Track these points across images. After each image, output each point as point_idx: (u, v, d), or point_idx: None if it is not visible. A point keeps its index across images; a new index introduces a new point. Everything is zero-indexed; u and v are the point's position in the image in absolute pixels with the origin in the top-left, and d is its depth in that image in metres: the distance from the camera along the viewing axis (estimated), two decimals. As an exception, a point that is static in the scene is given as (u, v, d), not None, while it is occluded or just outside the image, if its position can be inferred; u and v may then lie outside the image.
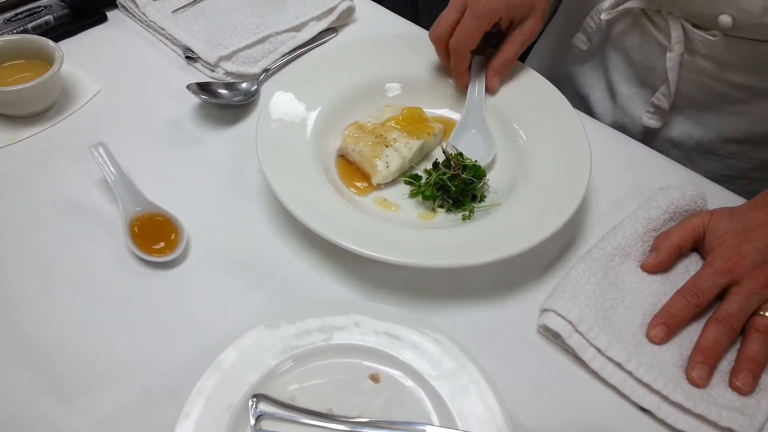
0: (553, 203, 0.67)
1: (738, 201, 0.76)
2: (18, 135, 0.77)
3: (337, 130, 0.77)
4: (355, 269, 0.66)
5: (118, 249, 0.66)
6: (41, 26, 0.89)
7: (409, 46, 0.85)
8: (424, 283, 0.66)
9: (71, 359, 0.58)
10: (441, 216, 0.71)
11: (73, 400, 0.56)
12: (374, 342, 0.57)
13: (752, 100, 0.80)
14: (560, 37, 1.00)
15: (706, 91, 0.81)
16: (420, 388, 0.55)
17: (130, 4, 0.94)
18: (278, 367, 0.55)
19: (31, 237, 0.67)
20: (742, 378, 0.56)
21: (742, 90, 0.79)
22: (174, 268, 0.65)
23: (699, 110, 0.83)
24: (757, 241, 0.61)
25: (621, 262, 0.65)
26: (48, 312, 0.61)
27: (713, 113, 0.83)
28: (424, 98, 0.81)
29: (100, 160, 0.70)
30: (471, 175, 0.70)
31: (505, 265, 0.62)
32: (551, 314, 0.60)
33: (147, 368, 0.58)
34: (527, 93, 0.80)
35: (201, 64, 0.88)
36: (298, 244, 0.68)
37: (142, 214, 0.67)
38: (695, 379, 0.56)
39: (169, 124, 0.80)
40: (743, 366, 0.57)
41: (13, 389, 0.56)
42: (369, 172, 0.73)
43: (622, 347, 0.58)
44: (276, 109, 0.75)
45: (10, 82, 0.78)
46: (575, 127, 0.74)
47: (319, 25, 0.94)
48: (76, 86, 0.83)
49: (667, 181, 0.71)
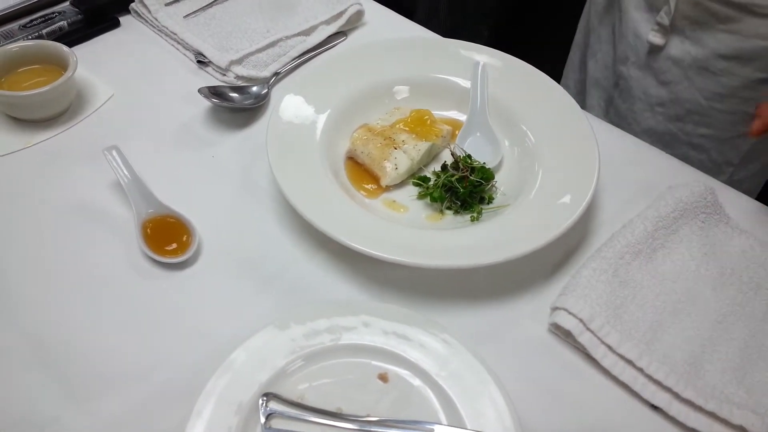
0: (561, 204, 0.67)
1: (743, 198, 0.76)
2: (33, 139, 0.78)
3: (347, 132, 0.78)
4: (364, 270, 0.66)
5: (130, 250, 0.67)
6: (55, 32, 0.90)
7: (417, 49, 0.86)
8: (432, 283, 0.66)
9: (83, 360, 0.59)
10: (449, 217, 0.71)
11: (84, 401, 0.56)
12: (383, 342, 0.57)
13: (741, 18, 0.84)
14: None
15: (700, 10, 0.87)
16: (428, 387, 0.56)
17: (143, 10, 0.95)
18: (288, 367, 0.56)
19: (45, 239, 0.68)
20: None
21: (732, 7, 0.84)
22: (185, 269, 0.66)
23: (695, 29, 0.89)
24: None
25: (631, 260, 0.65)
26: (60, 313, 0.62)
27: (707, 31, 0.88)
28: (432, 100, 0.82)
29: (113, 163, 0.71)
30: (479, 177, 0.71)
31: (513, 266, 0.62)
32: (562, 312, 0.60)
33: (158, 369, 0.59)
34: (535, 94, 0.80)
35: (212, 68, 0.89)
36: (308, 246, 0.68)
37: (155, 216, 0.68)
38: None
39: (181, 127, 0.81)
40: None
41: (25, 391, 0.57)
42: (378, 174, 0.73)
43: (633, 344, 0.58)
44: (286, 112, 0.75)
45: (25, 86, 0.79)
46: (583, 127, 0.74)
47: (329, 29, 0.95)
48: (90, 91, 0.85)
49: (675, 181, 0.71)
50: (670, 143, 0.96)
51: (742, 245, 0.69)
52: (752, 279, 0.65)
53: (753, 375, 0.58)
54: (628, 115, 1.00)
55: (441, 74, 0.83)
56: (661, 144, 0.92)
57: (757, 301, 0.64)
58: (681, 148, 0.96)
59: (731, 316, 0.62)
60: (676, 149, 0.95)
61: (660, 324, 0.61)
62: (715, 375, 0.57)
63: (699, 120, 0.93)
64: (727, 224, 0.70)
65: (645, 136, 0.95)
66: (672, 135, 0.96)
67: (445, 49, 0.86)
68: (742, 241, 0.69)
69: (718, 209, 0.70)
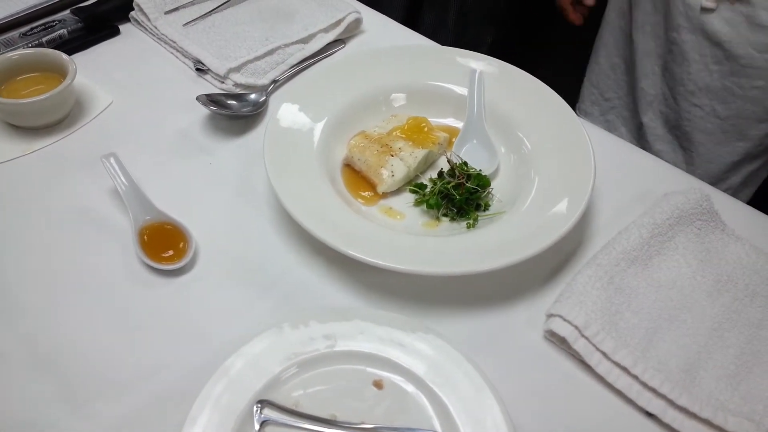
0: (557, 211, 0.67)
1: (739, 205, 0.76)
2: (32, 146, 0.79)
3: (344, 139, 0.78)
4: (360, 277, 0.66)
5: (127, 257, 0.67)
6: (55, 40, 0.91)
7: (414, 56, 0.87)
8: (428, 290, 0.66)
9: (80, 366, 0.59)
10: (445, 224, 0.71)
11: (82, 406, 0.57)
12: (378, 349, 0.58)
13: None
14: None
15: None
16: (423, 394, 0.56)
17: (142, 18, 0.96)
18: (283, 374, 0.56)
19: (43, 245, 0.69)
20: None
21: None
22: (182, 276, 0.66)
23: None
24: None
25: (627, 267, 0.65)
26: (58, 319, 0.63)
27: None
28: (429, 108, 0.82)
29: (111, 170, 0.71)
30: (475, 184, 0.71)
31: (509, 273, 0.62)
32: (557, 319, 0.60)
33: (154, 374, 0.59)
34: (531, 102, 0.80)
35: (211, 75, 0.89)
36: (304, 252, 0.69)
37: (152, 223, 0.69)
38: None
39: (180, 134, 0.82)
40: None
41: (24, 395, 0.57)
42: (374, 181, 0.74)
43: (628, 352, 0.58)
44: (283, 119, 0.76)
45: (24, 94, 0.80)
46: (579, 135, 0.74)
47: (327, 36, 0.95)
48: (89, 98, 0.85)
49: (670, 188, 0.71)
50: (725, 99, 0.99)
51: (738, 252, 0.69)
52: (748, 286, 0.65)
53: (748, 382, 0.58)
54: (684, 77, 1.03)
55: (438, 82, 0.84)
56: (717, 100, 0.95)
57: (753, 308, 0.64)
58: (736, 102, 0.98)
59: (726, 323, 0.62)
60: (731, 104, 0.98)
61: (655, 331, 0.61)
62: (710, 382, 0.57)
63: (753, 73, 0.96)
64: (723, 231, 0.70)
65: (702, 94, 0.99)
66: (728, 90, 0.99)
67: (442, 57, 0.87)
68: (737, 248, 0.69)
69: (714, 216, 0.70)
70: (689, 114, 0.99)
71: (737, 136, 0.98)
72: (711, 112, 0.97)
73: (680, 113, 1.00)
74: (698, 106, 0.97)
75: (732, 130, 0.98)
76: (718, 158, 1.01)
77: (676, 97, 1.00)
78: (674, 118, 1.01)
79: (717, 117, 0.97)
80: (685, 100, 0.99)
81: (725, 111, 0.96)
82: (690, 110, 0.98)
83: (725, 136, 0.99)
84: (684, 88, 1.00)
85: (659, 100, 1.05)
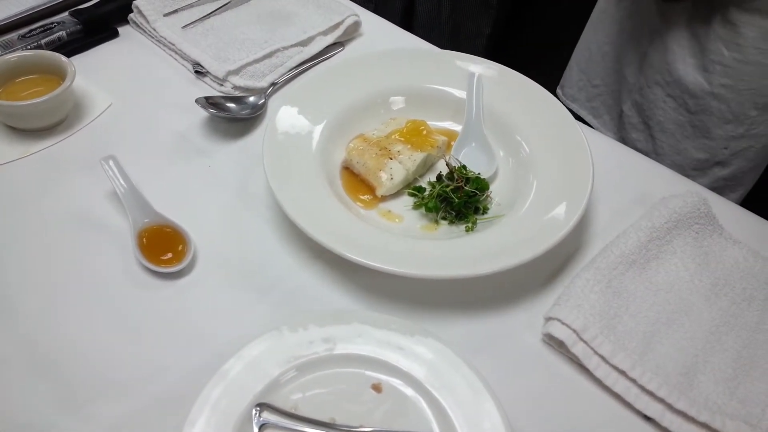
0: (555, 214, 0.67)
1: (736, 209, 0.76)
2: (30, 148, 0.79)
3: (343, 142, 0.78)
4: (359, 280, 0.66)
5: (126, 260, 0.67)
6: (54, 42, 0.91)
7: (413, 59, 0.87)
8: (427, 293, 0.66)
9: (80, 368, 0.59)
10: (444, 228, 0.71)
11: (81, 409, 0.57)
12: (377, 352, 0.58)
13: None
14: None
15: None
16: (422, 398, 0.56)
17: (141, 20, 0.96)
18: (281, 377, 0.56)
19: (42, 248, 0.69)
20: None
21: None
22: (181, 279, 0.66)
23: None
24: None
25: (625, 270, 0.65)
26: (57, 321, 0.63)
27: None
28: (428, 111, 0.82)
29: (110, 172, 0.71)
30: (474, 188, 0.71)
31: (507, 276, 0.63)
32: (555, 323, 0.61)
33: (153, 377, 0.59)
34: (530, 105, 0.80)
35: (210, 78, 0.89)
36: (303, 255, 0.69)
37: (151, 226, 0.69)
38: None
39: (178, 137, 0.82)
40: None
41: (23, 397, 0.57)
42: (373, 184, 0.74)
43: (626, 355, 0.59)
44: (282, 122, 0.76)
45: (23, 96, 0.80)
46: (577, 138, 0.75)
47: (326, 39, 0.95)
48: (88, 100, 0.85)
49: (669, 191, 0.72)
50: (696, 93, 0.96)
51: (735, 256, 0.69)
52: (745, 290, 0.66)
53: (746, 386, 0.58)
54: (662, 67, 0.99)
55: (436, 85, 0.84)
56: (688, 94, 0.94)
57: (750, 311, 0.64)
58: (705, 98, 0.96)
59: (724, 326, 0.63)
60: (700, 99, 0.95)
61: (653, 335, 0.61)
62: (708, 386, 0.58)
63: (720, 70, 0.92)
64: (721, 235, 0.70)
65: (676, 85, 0.96)
66: (699, 84, 0.95)
67: (441, 60, 0.87)
68: (735, 252, 0.69)
69: (712, 220, 0.71)
70: (664, 104, 0.98)
71: (703, 132, 0.98)
72: (683, 104, 0.96)
73: (655, 102, 0.99)
74: (672, 97, 0.97)
75: (700, 125, 0.97)
76: (685, 151, 1.01)
77: (652, 86, 0.99)
78: (648, 107, 1.01)
79: (687, 111, 0.96)
80: (661, 90, 0.99)
81: (695, 106, 0.96)
82: (665, 100, 0.97)
83: (693, 130, 0.98)
84: (661, 77, 0.99)
85: (636, 89, 1.04)
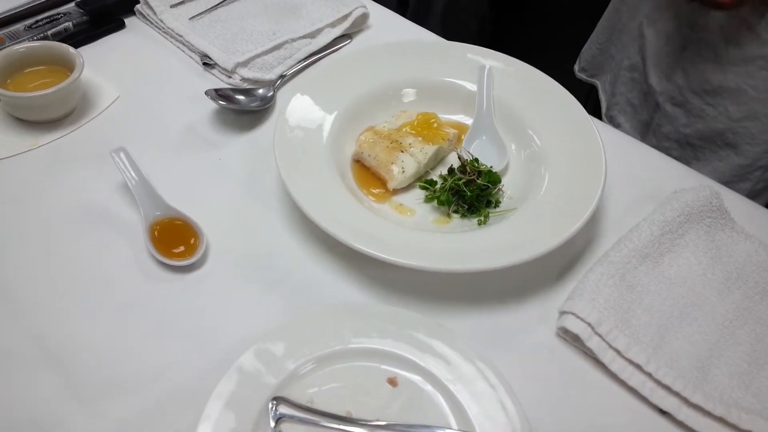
0: (568, 208, 0.67)
1: (748, 203, 0.76)
2: (39, 140, 0.78)
3: (353, 135, 0.78)
4: (372, 273, 0.66)
5: (138, 253, 0.67)
6: (61, 33, 0.90)
7: (423, 52, 0.86)
8: (439, 287, 0.66)
9: (91, 363, 0.59)
10: (456, 221, 0.71)
11: (90, 404, 0.56)
12: (392, 346, 0.58)
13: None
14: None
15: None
16: (438, 392, 0.56)
17: (148, 11, 0.95)
18: (297, 371, 0.56)
19: (52, 241, 0.68)
20: None
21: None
22: (193, 272, 0.66)
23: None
24: None
25: (638, 264, 0.65)
26: (68, 315, 0.62)
27: None
28: (439, 104, 0.82)
29: (121, 165, 0.71)
30: (486, 181, 0.71)
31: (521, 270, 0.62)
32: (570, 316, 0.60)
33: (166, 372, 0.58)
34: (541, 98, 0.80)
35: (218, 70, 0.89)
36: (315, 248, 0.68)
37: (162, 219, 0.68)
38: None
39: (187, 129, 0.81)
40: None
41: (34, 392, 0.57)
42: (384, 177, 0.74)
43: (641, 349, 0.59)
44: (293, 114, 0.75)
45: (31, 88, 0.79)
46: (589, 132, 0.74)
47: (334, 31, 0.95)
48: (96, 92, 0.84)
49: (681, 185, 0.72)
50: (739, 100, 0.93)
51: (748, 250, 0.69)
52: (758, 283, 0.66)
53: (760, 380, 0.58)
54: (700, 75, 0.96)
55: (447, 77, 0.84)
56: (731, 100, 0.91)
57: (763, 305, 0.64)
58: (749, 103, 0.93)
59: (737, 320, 0.63)
60: (743, 105, 0.93)
61: (667, 328, 0.61)
62: (722, 380, 0.58)
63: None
64: (733, 229, 0.70)
65: (716, 93, 0.94)
66: (742, 91, 0.92)
67: (452, 53, 0.86)
68: (747, 246, 0.69)
69: (724, 213, 0.71)
70: (702, 112, 0.96)
71: (748, 139, 0.95)
72: (723, 111, 0.95)
73: (693, 111, 0.97)
74: (711, 105, 0.95)
75: (743, 132, 0.95)
76: (726, 158, 0.98)
77: (685, 93, 0.97)
78: (683, 115, 0.99)
79: (728, 118, 0.94)
80: (697, 98, 0.97)
81: (738, 113, 0.94)
82: (703, 108, 0.96)
83: (735, 137, 0.96)
84: (699, 87, 0.96)
85: (667, 97, 1.02)
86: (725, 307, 0.64)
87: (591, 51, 1.16)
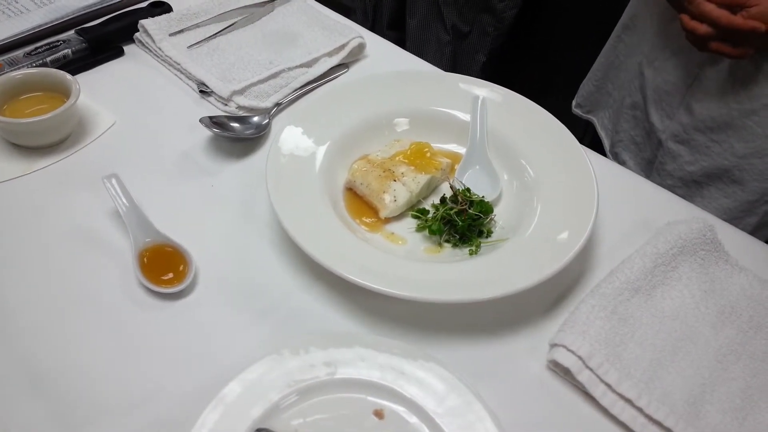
0: (560, 239, 0.67)
1: (742, 236, 0.75)
2: (33, 165, 0.79)
3: (346, 163, 0.78)
4: (361, 302, 0.66)
5: (127, 279, 0.67)
6: (60, 60, 0.91)
7: (417, 81, 0.87)
8: (430, 317, 0.65)
9: (77, 388, 0.58)
10: (447, 250, 0.71)
11: (78, 429, 0.55)
12: (379, 377, 0.57)
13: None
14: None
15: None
16: (424, 425, 0.55)
17: (147, 39, 0.97)
18: (282, 402, 0.55)
19: (43, 265, 0.68)
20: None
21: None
22: (181, 299, 0.65)
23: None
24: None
25: (630, 296, 0.64)
26: (55, 340, 0.62)
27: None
28: (432, 133, 0.82)
29: (112, 191, 0.71)
30: (478, 211, 0.71)
31: (511, 301, 0.62)
32: (561, 349, 0.60)
33: (151, 399, 0.58)
34: (534, 129, 0.80)
35: (214, 98, 0.89)
36: (305, 277, 0.68)
37: (152, 245, 0.68)
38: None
39: (182, 156, 0.82)
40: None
41: (20, 417, 0.56)
42: (377, 206, 0.73)
43: (632, 383, 0.58)
44: (286, 142, 0.76)
45: (27, 113, 0.80)
46: (582, 163, 0.74)
47: (331, 61, 0.96)
48: (92, 118, 0.85)
49: (673, 217, 0.71)
50: (744, 137, 0.92)
51: (742, 283, 0.68)
52: (752, 318, 0.65)
53: (755, 416, 0.57)
54: (703, 112, 0.95)
55: (441, 107, 0.84)
56: (736, 137, 0.90)
57: (758, 340, 0.63)
58: (756, 140, 0.90)
59: (731, 355, 0.62)
60: (750, 142, 0.91)
61: (659, 362, 0.60)
62: (715, 416, 0.57)
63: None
64: (727, 261, 0.70)
65: (721, 130, 0.92)
66: (747, 128, 0.91)
67: (445, 83, 0.87)
68: (741, 279, 0.68)
69: (718, 246, 0.70)
70: (708, 149, 0.95)
71: (755, 176, 0.92)
72: (729, 148, 0.92)
73: (697, 149, 0.96)
74: (717, 142, 0.93)
75: (749, 169, 0.92)
76: (733, 194, 0.95)
77: (689, 131, 0.95)
78: (687, 152, 0.97)
79: (734, 155, 0.93)
80: (702, 135, 0.94)
81: (744, 149, 0.91)
82: (708, 145, 0.94)
83: (741, 173, 0.93)
84: (703, 124, 0.94)
85: (670, 134, 1.00)
86: (719, 342, 0.63)
87: (588, 88, 1.16)
